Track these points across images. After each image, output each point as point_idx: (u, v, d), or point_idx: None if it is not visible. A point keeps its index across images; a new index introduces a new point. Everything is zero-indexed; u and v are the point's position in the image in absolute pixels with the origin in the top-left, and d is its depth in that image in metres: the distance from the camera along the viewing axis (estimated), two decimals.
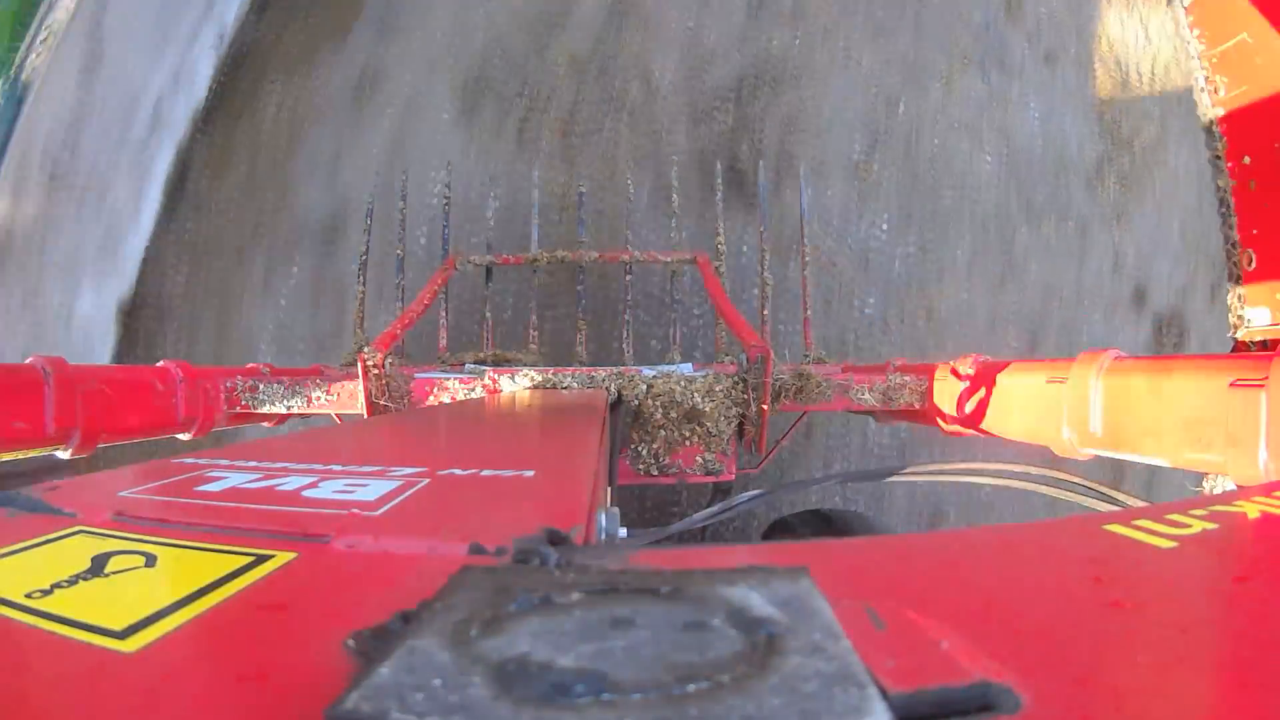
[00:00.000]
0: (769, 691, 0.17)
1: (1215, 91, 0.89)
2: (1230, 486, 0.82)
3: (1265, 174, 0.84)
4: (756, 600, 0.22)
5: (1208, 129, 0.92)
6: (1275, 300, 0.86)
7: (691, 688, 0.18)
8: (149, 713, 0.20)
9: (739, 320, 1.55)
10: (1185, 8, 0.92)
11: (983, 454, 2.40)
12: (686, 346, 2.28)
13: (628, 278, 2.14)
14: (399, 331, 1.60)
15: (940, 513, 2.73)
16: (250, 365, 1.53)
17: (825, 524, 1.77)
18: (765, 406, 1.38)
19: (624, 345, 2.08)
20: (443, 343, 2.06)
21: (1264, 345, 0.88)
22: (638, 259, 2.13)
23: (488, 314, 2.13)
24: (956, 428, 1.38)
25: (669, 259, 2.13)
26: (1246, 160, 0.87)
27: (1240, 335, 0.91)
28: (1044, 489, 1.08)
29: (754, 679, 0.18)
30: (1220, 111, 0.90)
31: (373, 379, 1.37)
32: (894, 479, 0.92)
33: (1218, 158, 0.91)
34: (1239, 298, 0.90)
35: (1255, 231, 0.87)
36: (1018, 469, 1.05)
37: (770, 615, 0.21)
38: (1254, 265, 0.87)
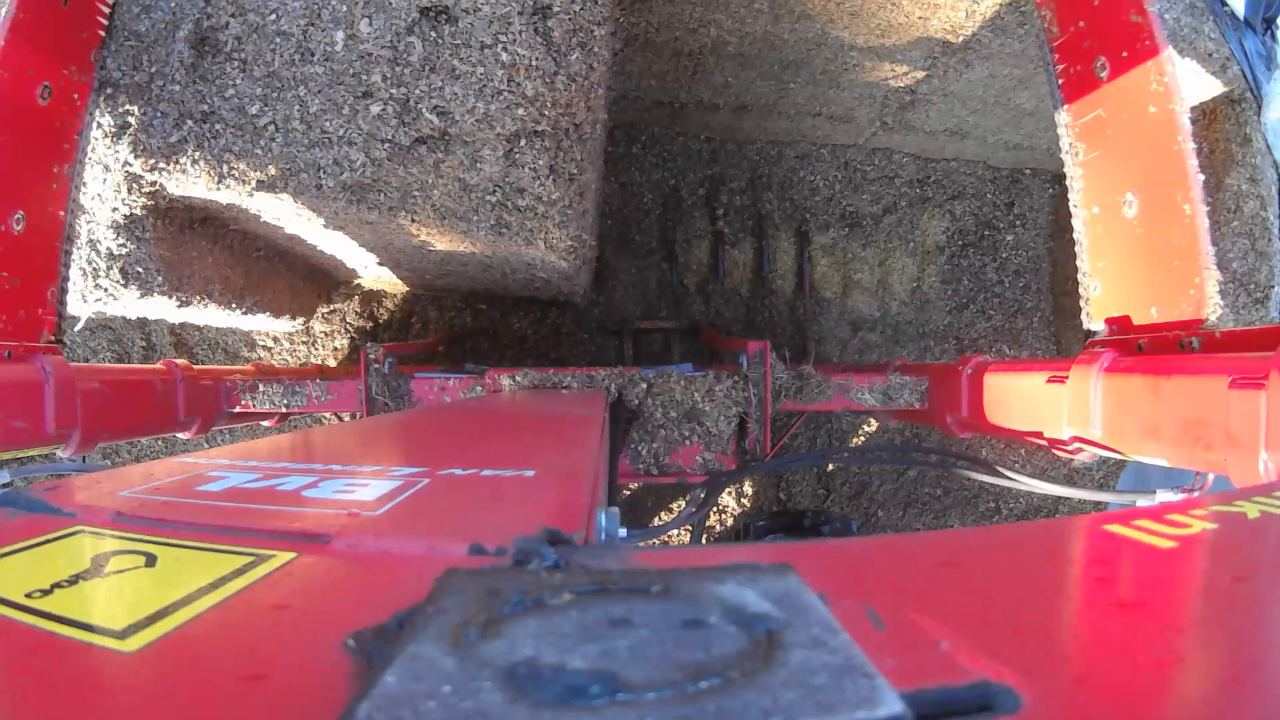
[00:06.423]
0: (780, 685, 0.17)
1: (1076, 155, 1.16)
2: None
3: (1108, 221, 1.11)
4: (750, 597, 0.22)
5: (1069, 183, 1.17)
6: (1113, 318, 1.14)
7: (704, 684, 0.18)
8: (149, 713, 0.20)
9: (740, 341, 1.57)
10: (1059, 87, 1.16)
11: (984, 453, 2.39)
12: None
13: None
14: (401, 348, 1.62)
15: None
16: (250, 365, 1.53)
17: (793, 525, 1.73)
18: (768, 399, 1.38)
19: (624, 345, 2.08)
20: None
21: None
22: (641, 327, 2.20)
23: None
24: (957, 428, 1.38)
25: (670, 326, 2.22)
26: (1095, 210, 1.13)
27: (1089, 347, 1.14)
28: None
29: (763, 673, 0.18)
30: (1080, 171, 1.16)
31: (374, 375, 1.37)
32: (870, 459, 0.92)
33: (1076, 205, 1.17)
34: (1087, 315, 1.16)
35: (1101, 265, 1.13)
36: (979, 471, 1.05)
37: (766, 611, 0.21)
38: (1099, 292, 1.14)
